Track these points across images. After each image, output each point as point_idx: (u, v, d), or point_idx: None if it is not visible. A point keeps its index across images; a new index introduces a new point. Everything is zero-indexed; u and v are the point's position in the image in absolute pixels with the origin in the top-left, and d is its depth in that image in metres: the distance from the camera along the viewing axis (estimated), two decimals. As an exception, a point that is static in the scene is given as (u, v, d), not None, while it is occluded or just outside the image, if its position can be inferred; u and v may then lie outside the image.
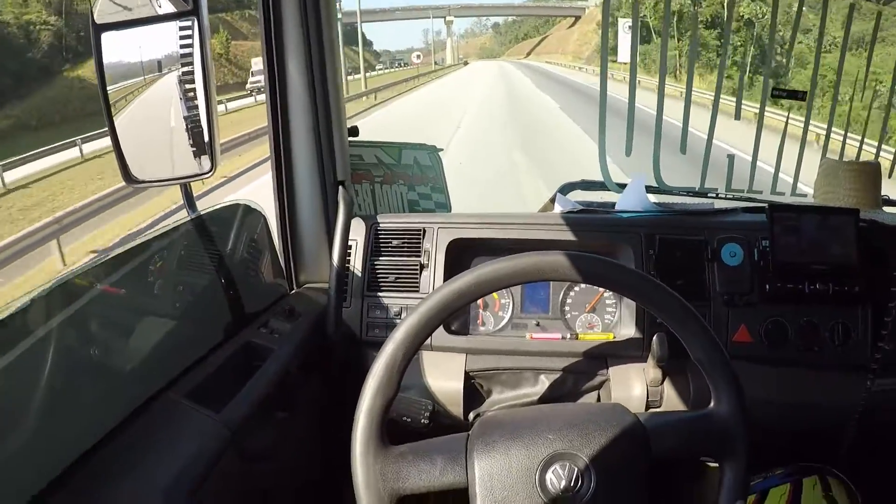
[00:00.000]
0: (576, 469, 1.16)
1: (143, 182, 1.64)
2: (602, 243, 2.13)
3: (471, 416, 2.03)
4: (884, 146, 2.70)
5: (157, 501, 1.28)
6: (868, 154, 2.67)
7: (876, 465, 2.07)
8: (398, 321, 1.98)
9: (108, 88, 1.54)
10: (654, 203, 2.32)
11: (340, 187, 2.17)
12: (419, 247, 2.16)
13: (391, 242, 2.18)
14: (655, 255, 2.06)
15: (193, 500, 1.34)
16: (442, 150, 2.49)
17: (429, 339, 1.80)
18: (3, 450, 1.20)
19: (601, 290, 2.09)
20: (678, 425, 1.29)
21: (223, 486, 1.48)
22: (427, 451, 1.23)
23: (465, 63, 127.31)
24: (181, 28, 1.51)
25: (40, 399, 1.28)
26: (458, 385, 2.01)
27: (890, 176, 2.21)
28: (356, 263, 2.18)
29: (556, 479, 1.16)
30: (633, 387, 1.97)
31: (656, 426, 1.26)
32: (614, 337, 2.07)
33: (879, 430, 1.99)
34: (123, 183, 1.65)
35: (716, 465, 1.30)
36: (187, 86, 1.55)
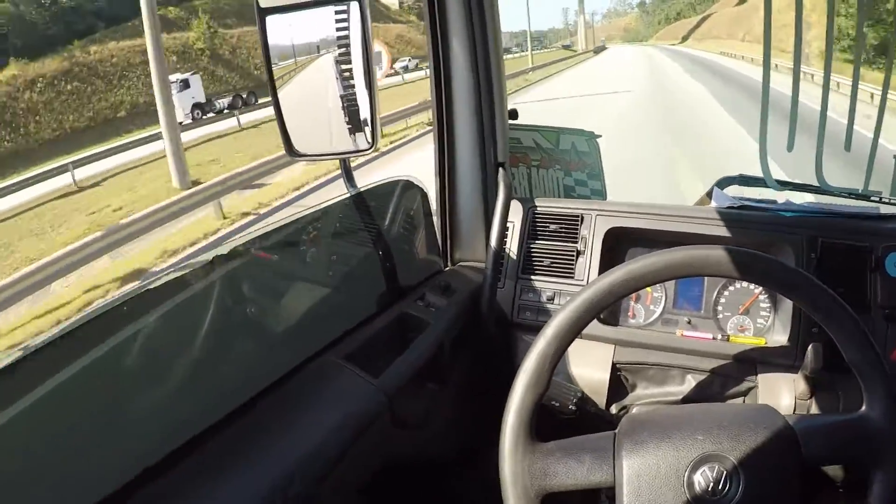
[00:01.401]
0: (724, 471, 1.13)
1: (305, 155, 1.71)
2: (761, 241, 2.03)
3: (613, 408, 1.99)
4: None
5: (309, 457, 1.33)
6: None
7: None
8: (550, 306, 2.00)
9: (272, 67, 1.63)
10: (814, 203, 2.20)
11: (500, 169, 2.18)
12: (576, 233, 2.12)
13: (548, 227, 2.16)
14: (817, 258, 1.95)
15: (344, 459, 1.39)
16: (600, 136, 2.43)
17: None
18: (174, 395, 1.31)
19: (756, 291, 2.00)
20: (828, 428, 1.24)
21: (374, 449, 1.53)
22: (575, 448, 1.22)
23: (598, 51, 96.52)
24: (337, 12, 1.55)
25: (206, 351, 1.38)
26: (604, 375, 1.98)
27: None
28: (512, 245, 2.17)
29: (705, 480, 1.13)
30: (782, 396, 1.88)
31: (805, 429, 1.21)
32: (766, 342, 1.97)
33: None
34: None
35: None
36: (343, 66, 1.60)
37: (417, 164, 2.23)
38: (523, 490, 1.19)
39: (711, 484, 1.12)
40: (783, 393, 1.87)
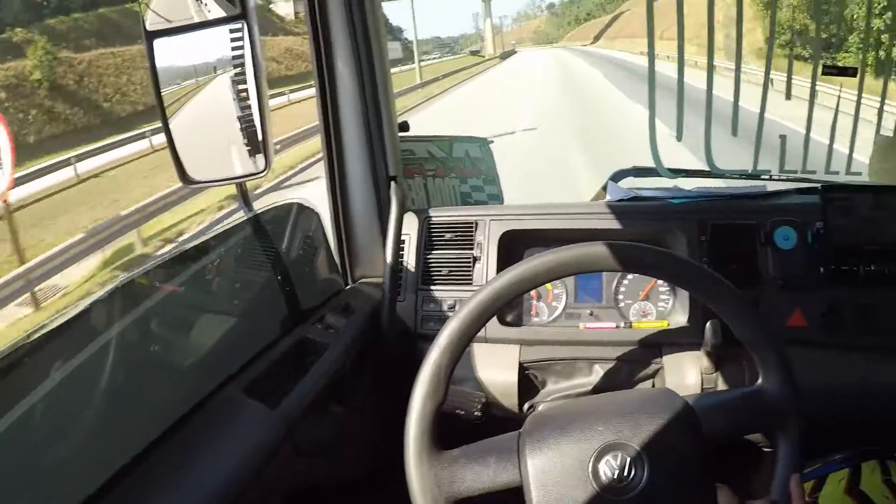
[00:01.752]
0: (628, 458, 1.18)
1: (199, 182, 1.70)
2: (654, 230, 2.14)
3: (525, 406, 2.05)
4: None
5: (215, 495, 1.32)
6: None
7: None
8: (452, 314, 2.01)
9: (162, 92, 1.60)
10: (705, 187, 2.32)
11: (392, 183, 2.21)
12: (472, 239, 2.18)
13: (444, 236, 2.21)
14: (708, 240, 2.06)
15: (250, 493, 1.39)
16: (492, 141, 2.51)
17: (483, 331, 1.83)
18: (71, 446, 1.26)
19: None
20: (728, 404, 1.33)
21: (279, 479, 1.53)
22: (480, 452, 1.26)
23: (505, 56, 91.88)
24: (232, 31, 1.55)
25: (103, 398, 1.34)
26: (512, 376, 2.03)
27: None
28: (410, 257, 2.21)
29: (609, 469, 1.18)
30: (688, 374, 1.98)
31: (706, 407, 1.28)
32: (668, 325, 2.07)
33: None
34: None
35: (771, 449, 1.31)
36: (240, 87, 1.60)
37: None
38: (433, 500, 1.23)
39: (616, 472, 1.17)
40: (689, 371, 1.96)
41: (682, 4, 2.29)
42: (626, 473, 1.17)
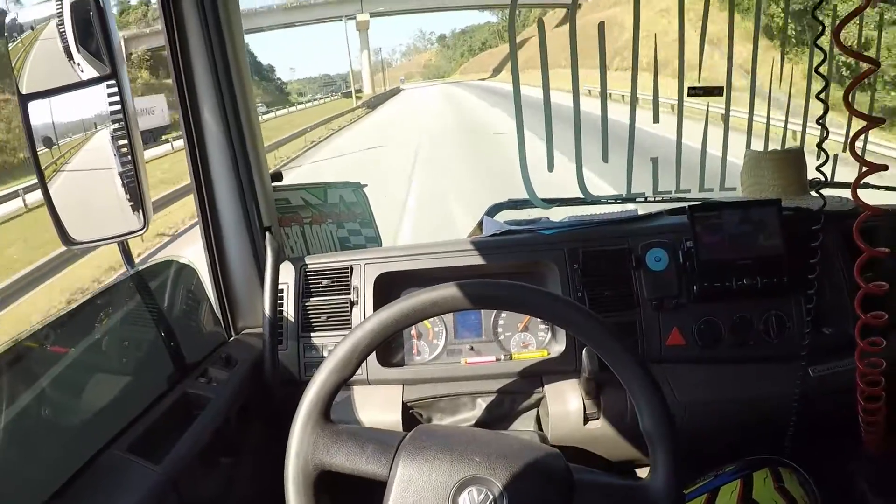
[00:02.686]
0: (491, 497, 1.25)
1: (82, 242, 1.80)
2: (527, 263, 2.33)
3: None
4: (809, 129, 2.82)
5: None
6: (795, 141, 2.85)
7: (824, 451, 2.21)
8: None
9: (38, 154, 1.71)
10: (578, 216, 2.51)
11: (268, 233, 2.37)
12: (348, 284, 2.35)
13: (321, 282, 2.37)
14: (580, 268, 2.25)
15: None
16: (366, 185, 2.68)
17: (364, 373, 2.07)
18: None
19: None
20: (608, 490, 1.35)
21: None
22: (362, 436, 1.36)
23: (373, 105, 67.05)
24: (109, 85, 1.68)
25: None
26: (396, 416, 2.18)
27: (818, 158, 2.47)
28: (289, 306, 2.36)
29: (470, 501, 1.26)
30: (570, 401, 2.14)
31: (585, 483, 1.33)
32: (548, 354, 2.26)
33: (822, 416, 2.14)
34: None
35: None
36: (120, 142, 1.71)
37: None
38: (303, 462, 1.34)
39: None
40: (570, 397, 2.14)
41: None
42: None
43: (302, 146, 34.65)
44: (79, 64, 1.69)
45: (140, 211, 1.77)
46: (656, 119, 2.68)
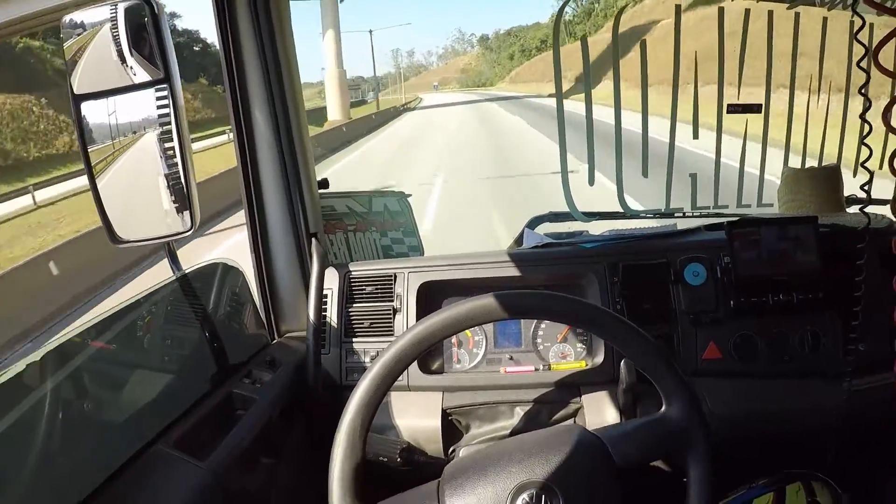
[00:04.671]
0: (543, 495, 1.28)
1: (129, 241, 1.77)
2: (567, 275, 2.31)
3: (450, 451, 2.18)
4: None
5: None
6: (831, 158, 2.83)
7: (859, 467, 2.18)
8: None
9: (89, 153, 1.71)
10: (618, 230, 2.50)
11: (313, 239, 2.39)
12: (391, 292, 2.35)
13: (364, 289, 2.37)
14: (619, 282, 2.24)
15: None
16: (410, 195, 2.69)
17: (405, 380, 2.06)
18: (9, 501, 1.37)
19: None
20: (634, 432, 1.42)
21: None
22: None
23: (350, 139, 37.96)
24: (157, 91, 1.66)
25: (37, 457, 1.45)
26: (436, 423, 2.18)
27: (854, 176, 2.41)
28: (332, 311, 2.37)
29: None
30: (606, 412, 2.13)
31: (613, 437, 1.39)
32: (587, 365, 2.24)
33: (858, 431, 2.09)
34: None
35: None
36: (167, 145, 1.69)
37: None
38: None
39: None
40: (607, 409, 2.12)
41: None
42: None
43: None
44: (131, 67, 1.67)
45: (188, 212, 1.74)
46: (696, 135, 2.66)
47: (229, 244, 13.32)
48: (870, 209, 1.77)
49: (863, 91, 1.88)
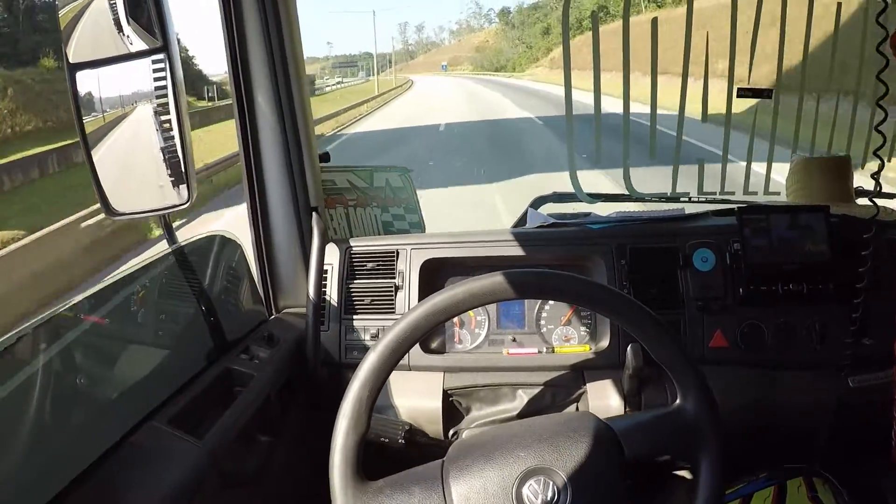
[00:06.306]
0: (551, 483, 1.23)
1: (124, 214, 1.73)
2: (573, 256, 2.26)
3: (450, 432, 2.15)
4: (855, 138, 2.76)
5: None
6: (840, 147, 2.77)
7: (858, 463, 2.14)
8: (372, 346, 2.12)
9: (84, 124, 1.65)
10: (625, 212, 2.43)
11: (314, 213, 2.33)
12: (393, 268, 2.29)
13: (366, 265, 2.32)
14: (627, 264, 2.19)
15: None
16: (412, 171, 2.62)
17: (406, 359, 1.97)
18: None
19: None
20: (647, 425, 1.38)
21: None
22: (404, 482, 1.30)
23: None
24: (154, 62, 1.59)
25: (29, 432, 1.39)
26: (436, 403, 2.14)
27: (862, 167, 2.35)
28: (332, 287, 2.31)
29: (533, 494, 1.23)
30: (611, 397, 2.09)
31: (625, 428, 1.34)
32: (591, 349, 2.19)
33: (861, 426, 2.07)
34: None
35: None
36: (163, 117, 1.64)
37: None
38: None
39: (540, 496, 1.22)
40: (611, 393, 2.08)
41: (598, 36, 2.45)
42: (549, 497, 1.22)
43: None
44: (129, 36, 1.60)
45: (184, 185, 1.69)
46: (704, 118, 2.63)
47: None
48: (879, 203, 1.72)
49: (879, 77, 1.80)
